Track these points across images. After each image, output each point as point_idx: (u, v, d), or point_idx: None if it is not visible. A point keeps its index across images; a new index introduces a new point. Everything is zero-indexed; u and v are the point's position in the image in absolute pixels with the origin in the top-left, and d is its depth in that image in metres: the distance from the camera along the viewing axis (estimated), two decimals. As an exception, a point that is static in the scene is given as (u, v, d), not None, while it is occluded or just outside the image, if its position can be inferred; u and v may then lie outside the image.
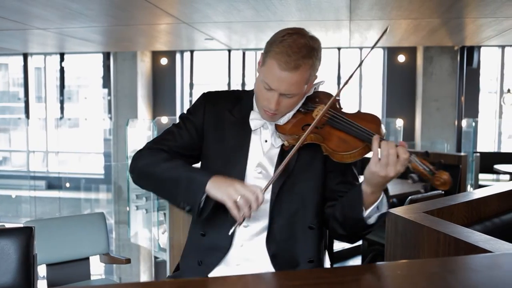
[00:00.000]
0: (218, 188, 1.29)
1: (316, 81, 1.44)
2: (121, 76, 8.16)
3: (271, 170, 1.41)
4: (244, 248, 1.40)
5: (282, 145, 1.41)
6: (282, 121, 1.42)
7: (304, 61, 1.31)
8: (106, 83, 8.39)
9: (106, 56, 8.18)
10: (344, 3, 4.45)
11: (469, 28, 5.75)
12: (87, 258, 2.96)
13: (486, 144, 7.86)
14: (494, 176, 7.06)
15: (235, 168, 1.42)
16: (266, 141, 1.45)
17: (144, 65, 8.25)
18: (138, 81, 8.09)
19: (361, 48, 7.87)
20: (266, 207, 1.39)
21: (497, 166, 5.84)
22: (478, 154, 6.24)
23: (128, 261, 2.90)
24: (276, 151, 1.43)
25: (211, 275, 1.41)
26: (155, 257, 4.14)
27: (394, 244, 1.79)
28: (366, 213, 1.29)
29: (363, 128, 1.29)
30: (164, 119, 7.94)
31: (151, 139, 1.54)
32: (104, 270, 5.67)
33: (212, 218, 1.41)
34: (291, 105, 1.39)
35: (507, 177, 6.20)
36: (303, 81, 1.34)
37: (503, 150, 7.68)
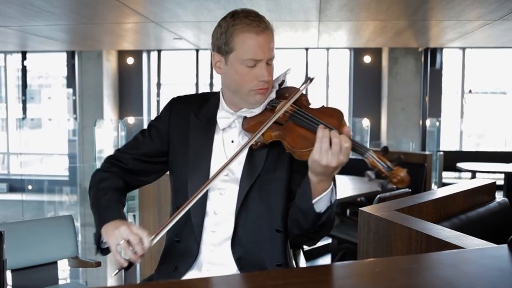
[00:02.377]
0: (106, 232, 1.28)
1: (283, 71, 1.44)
2: (86, 76, 7.99)
3: (239, 172, 1.38)
4: (213, 253, 1.39)
5: (251, 145, 1.37)
6: (250, 114, 1.39)
7: (268, 23, 1.33)
8: (70, 83, 8.19)
9: (71, 55, 7.99)
10: (313, 4, 4.49)
11: (434, 30, 5.92)
12: (55, 262, 2.88)
13: (448, 143, 8.11)
14: (456, 174, 7.30)
15: (198, 172, 1.40)
16: (232, 141, 1.42)
17: (109, 64, 8.10)
18: (104, 81, 7.94)
19: (328, 49, 7.98)
20: (232, 210, 1.37)
21: (460, 164, 6.02)
22: (442, 153, 6.44)
23: (98, 264, 2.84)
24: (244, 151, 1.39)
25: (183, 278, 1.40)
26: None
27: (367, 242, 1.82)
28: (314, 200, 1.24)
29: (323, 123, 1.23)
30: (131, 120, 7.83)
31: (119, 139, 1.54)
32: (70, 274, 5.53)
33: (185, 224, 1.40)
34: (273, 74, 1.38)
35: (469, 174, 6.42)
36: (274, 43, 1.35)
37: (464, 149, 7.93)
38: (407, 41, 6.77)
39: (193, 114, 1.46)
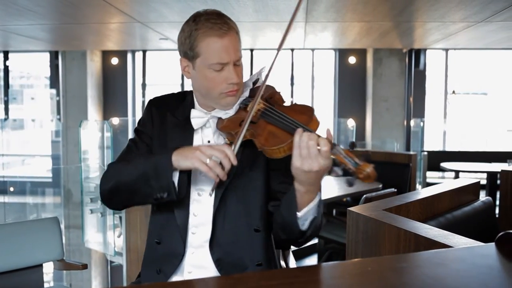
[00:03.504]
0: (185, 158, 1.24)
1: (258, 70, 1.43)
2: (70, 76, 7.91)
3: None
4: (194, 255, 1.38)
5: (225, 143, 1.35)
6: (225, 115, 1.37)
7: (231, 23, 1.32)
8: (54, 83, 8.10)
9: (54, 55, 7.90)
10: (301, 5, 4.50)
11: (418, 31, 5.98)
12: (41, 265, 2.84)
13: (432, 143, 8.20)
14: (440, 174, 7.39)
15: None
16: (209, 141, 1.41)
17: (94, 64, 8.03)
18: (88, 81, 7.87)
19: (313, 50, 8.01)
20: (210, 211, 1.36)
21: (443, 164, 6.10)
22: (426, 153, 6.51)
23: (84, 266, 2.81)
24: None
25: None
26: (111, 262, 4.05)
27: (355, 242, 1.83)
28: (300, 213, 1.23)
29: (292, 120, 1.21)
30: (115, 120, 7.76)
31: (104, 140, 1.52)
32: (53, 277, 5.46)
33: (165, 225, 1.40)
34: (242, 73, 1.37)
35: (452, 174, 6.50)
36: (240, 43, 1.35)
37: (447, 149, 8.04)
38: (392, 42, 6.83)
39: (170, 113, 1.45)
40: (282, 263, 1.76)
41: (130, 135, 8.41)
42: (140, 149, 1.44)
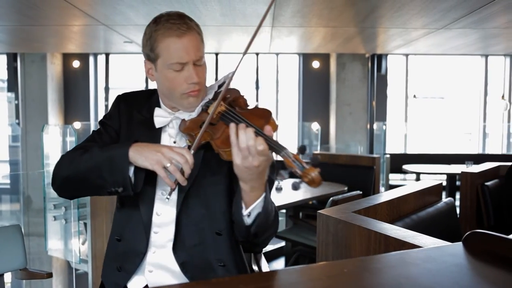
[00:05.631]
0: (144, 157, 1.22)
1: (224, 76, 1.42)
2: (29, 79, 7.68)
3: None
4: (156, 254, 1.37)
5: (189, 146, 1.33)
6: (188, 117, 1.36)
7: (191, 23, 1.30)
8: (12, 86, 7.82)
9: (13, 57, 7.64)
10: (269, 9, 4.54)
11: (381, 37, 6.13)
12: (2, 275, 2.74)
13: (394, 146, 8.40)
14: (402, 176, 7.58)
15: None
16: (174, 142, 1.40)
17: (54, 67, 7.82)
18: (48, 85, 7.66)
19: (277, 54, 8.07)
20: (173, 212, 1.35)
21: (405, 167, 6.25)
22: (388, 156, 6.66)
23: (49, 275, 2.73)
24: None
25: (130, 282, 1.38)
26: (76, 269, 3.94)
27: (326, 244, 1.84)
28: (246, 211, 1.24)
29: (248, 123, 1.21)
30: (77, 125, 7.58)
31: (67, 145, 1.48)
32: (11, 286, 5.27)
33: (128, 223, 1.38)
34: (205, 74, 1.36)
35: (413, 176, 6.67)
36: (202, 43, 1.33)
37: (409, 152, 8.25)
38: (355, 47, 6.96)
39: (136, 110, 1.44)
40: (255, 267, 1.77)
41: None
42: (104, 141, 1.41)
